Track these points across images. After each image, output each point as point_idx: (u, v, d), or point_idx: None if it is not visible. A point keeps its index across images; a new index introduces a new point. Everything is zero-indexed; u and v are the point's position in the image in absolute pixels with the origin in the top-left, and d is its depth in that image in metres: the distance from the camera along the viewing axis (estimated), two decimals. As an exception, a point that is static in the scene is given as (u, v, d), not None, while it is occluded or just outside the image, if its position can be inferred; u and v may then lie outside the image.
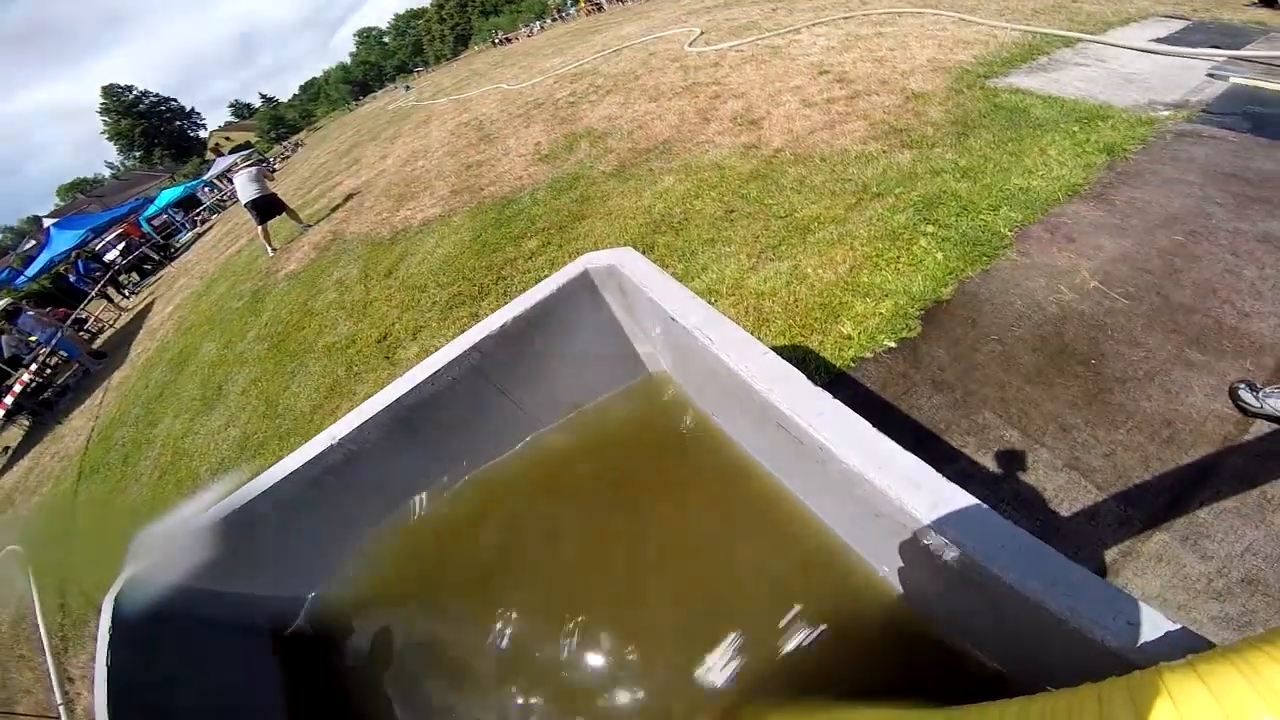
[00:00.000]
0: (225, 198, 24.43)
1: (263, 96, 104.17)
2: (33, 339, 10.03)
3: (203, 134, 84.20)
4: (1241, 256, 2.50)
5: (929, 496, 0.74)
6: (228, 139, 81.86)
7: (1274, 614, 1.48)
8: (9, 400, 8.14)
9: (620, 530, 1.36)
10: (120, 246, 19.16)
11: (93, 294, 14.62)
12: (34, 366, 8.98)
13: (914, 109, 4.53)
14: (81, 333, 11.89)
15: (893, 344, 2.56)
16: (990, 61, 5.03)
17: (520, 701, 1.15)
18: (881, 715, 0.78)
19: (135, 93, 73.70)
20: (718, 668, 1.05)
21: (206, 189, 26.48)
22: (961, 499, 0.72)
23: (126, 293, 15.82)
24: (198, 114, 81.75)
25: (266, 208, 8.56)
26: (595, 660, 1.16)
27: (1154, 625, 0.61)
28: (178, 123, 78.47)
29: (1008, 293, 2.65)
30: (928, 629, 0.93)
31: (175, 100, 78.01)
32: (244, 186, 8.54)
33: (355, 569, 1.46)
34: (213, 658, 1.28)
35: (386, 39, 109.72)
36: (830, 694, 0.91)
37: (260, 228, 8.54)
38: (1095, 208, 3.01)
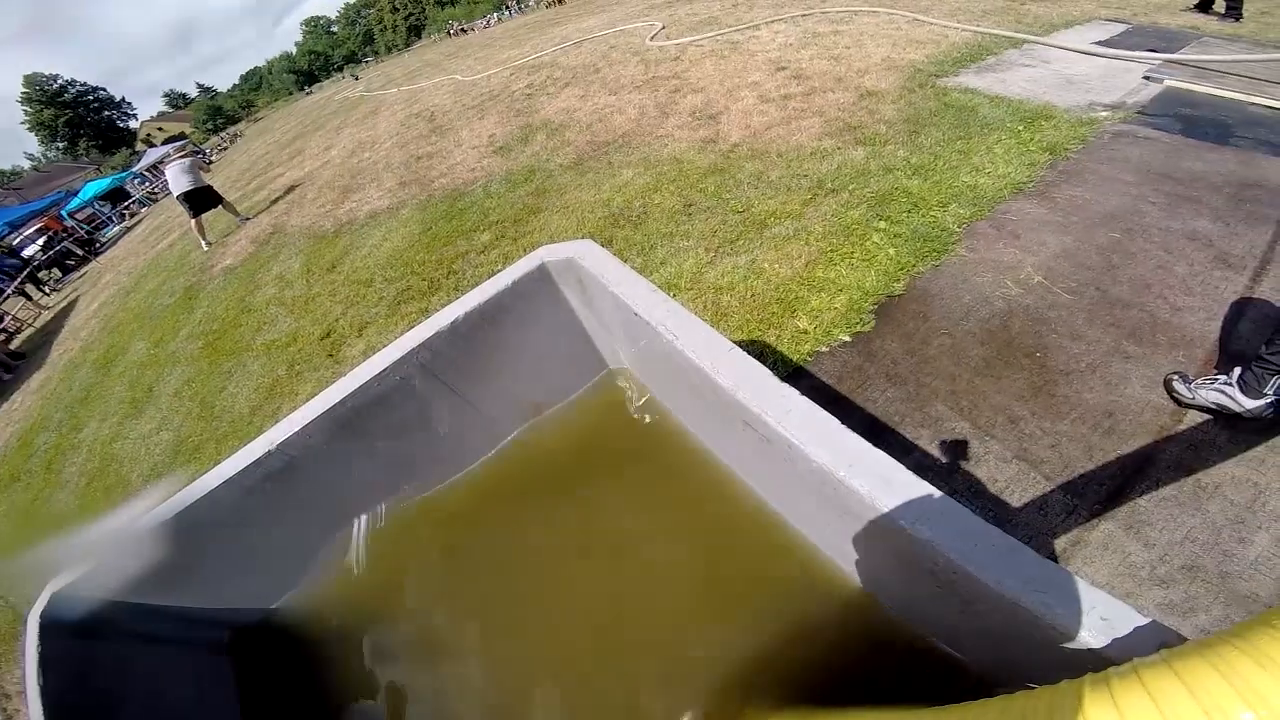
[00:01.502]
0: (156, 190, 23.14)
1: (199, 86, 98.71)
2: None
3: (134, 124, 79.41)
4: (1173, 254, 2.62)
5: (901, 494, 0.71)
6: (160, 130, 77.29)
7: (1214, 599, 1.53)
8: (-89, 406, 7.46)
9: (582, 533, 1.31)
10: (40, 241, 17.91)
11: (9, 291, 13.58)
12: (-60, 370, 8.27)
13: (868, 106, 4.60)
14: (-5, 333, 11.05)
15: (847, 338, 2.58)
16: (941, 61, 5.15)
17: (480, 712, 1.09)
18: (861, 718, 0.76)
19: (60, 81, 68.73)
20: (685, 674, 1.01)
21: (136, 181, 25.07)
22: (933, 497, 0.70)
23: (47, 290, 14.77)
24: (129, 104, 76.92)
25: (201, 200, 8.16)
26: (563, 670, 1.11)
27: (1125, 620, 0.61)
28: (106, 113, 73.53)
29: (957, 288, 2.70)
30: (899, 628, 0.92)
31: (104, 89, 73.05)
32: (177, 178, 8.12)
33: (304, 581, 1.37)
34: (156, 675, 1.18)
35: (335, 28, 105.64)
36: (800, 697, 0.89)
37: (194, 221, 8.12)
38: (1039, 205, 3.11)
